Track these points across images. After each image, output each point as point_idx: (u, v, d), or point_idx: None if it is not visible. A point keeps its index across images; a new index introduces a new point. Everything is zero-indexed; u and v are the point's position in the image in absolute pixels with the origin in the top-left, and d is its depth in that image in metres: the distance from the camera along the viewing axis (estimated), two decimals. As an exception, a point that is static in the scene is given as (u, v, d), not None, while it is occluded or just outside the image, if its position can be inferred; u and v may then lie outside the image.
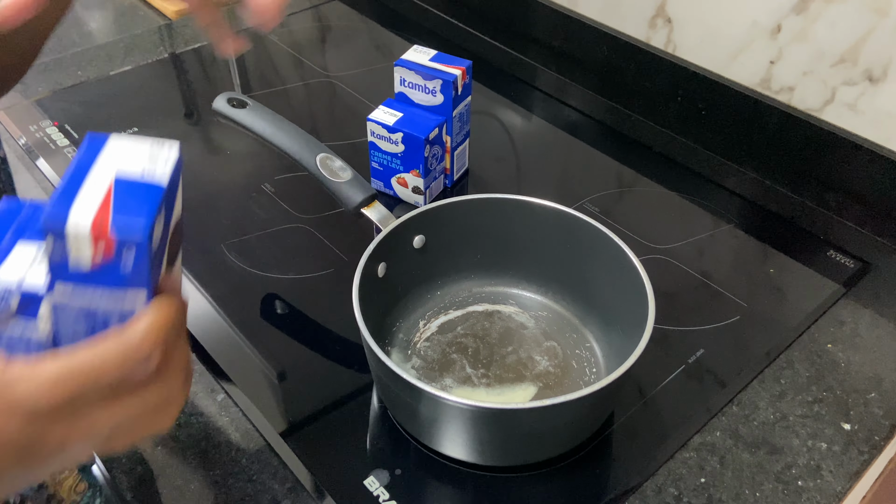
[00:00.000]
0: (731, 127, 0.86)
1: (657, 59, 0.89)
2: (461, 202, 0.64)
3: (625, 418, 0.59)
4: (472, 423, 0.51)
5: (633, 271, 0.57)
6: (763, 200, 0.82)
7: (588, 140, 0.92)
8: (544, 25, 1.01)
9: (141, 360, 0.32)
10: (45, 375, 0.30)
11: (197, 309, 0.68)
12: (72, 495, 0.53)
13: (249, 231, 0.76)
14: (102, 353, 0.31)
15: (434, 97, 0.77)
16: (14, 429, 0.30)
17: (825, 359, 0.65)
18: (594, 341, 0.64)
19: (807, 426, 0.59)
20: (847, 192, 0.78)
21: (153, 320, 0.32)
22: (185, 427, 0.59)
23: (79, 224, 0.30)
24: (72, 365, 0.31)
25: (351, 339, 0.65)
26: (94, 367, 0.31)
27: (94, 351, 0.31)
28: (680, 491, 0.55)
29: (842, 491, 0.55)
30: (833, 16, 0.74)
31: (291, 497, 0.54)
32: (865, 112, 0.76)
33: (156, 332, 0.32)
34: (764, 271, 0.74)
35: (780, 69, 0.81)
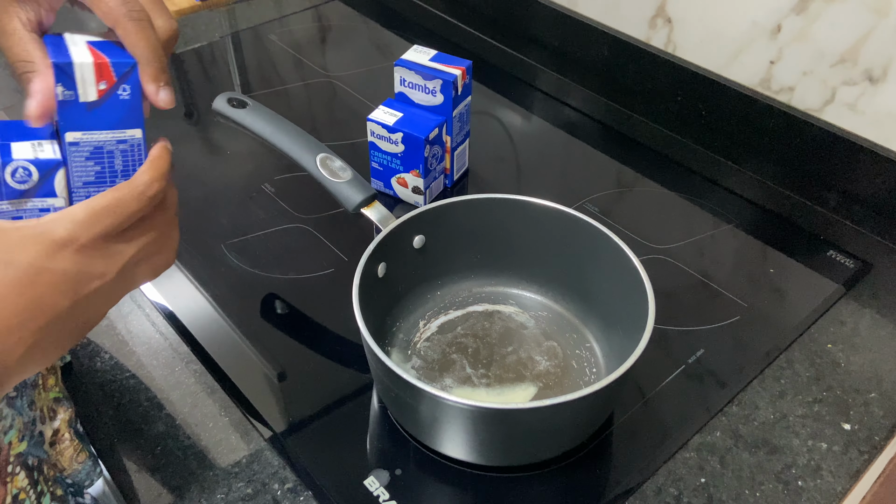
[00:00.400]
0: (731, 127, 0.86)
1: (657, 60, 0.89)
2: (461, 202, 0.64)
3: (625, 418, 0.59)
4: (472, 423, 0.51)
5: (633, 271, 0.57)
6: (763, 200, 0.82)
7: (588, 140, 0.92)
8: (544, 25, 1.01)
9: (151, 197, 0.39)
10: (80, 214, 0.37)
11: (197, 309, 0.68)
12: (73, 464, 0.54)
13: (249, 231, 0.76)
14: (121, 194, 0.38)
15: (434, 97, 0.77)
16: (65, 261, 0.36)
17: (825, 359, 0.65)
18: (594, 341, 0.64)
19: (807, 426, 0.59)
20: (847, 191, 0.78)
21: (156, 166, 0.41)
22: (185, 427, 0.59)
23: (83, 59, 0.37)
24: (99, 204, 0.37)
25: (351, 339, 0.65)
26: (118, 204, 0.38)
27: (115, 194, 0.38)
28: (680, 491, 0.55)
29: (842, 491, 0.55)
30: (833, 16, 0.74)
31: (291, 497, 0.54)
32: (865, 112, 0.76)
33: (159, 175, 0.40)
34: (764, 271, 0.74)
35: (780, 69, 0.81)
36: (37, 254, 0.36)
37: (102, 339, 0.65)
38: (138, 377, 0.62)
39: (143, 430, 0.58)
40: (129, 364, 0.63)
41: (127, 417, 0.59)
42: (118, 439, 0.58)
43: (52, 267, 0.36)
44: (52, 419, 0.53)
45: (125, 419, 0.59)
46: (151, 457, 0.57)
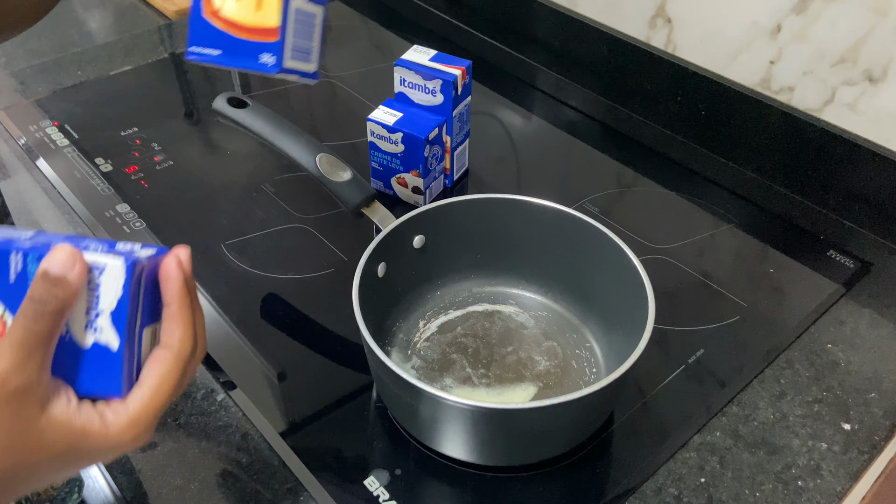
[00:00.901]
0: (731, 127, 0.86)
1: (657, 59, 0.89)
2: (461, 202, 0.64)
3: (625, 418, 0.59)
4: (472, 423, 0.51)
5: (633, 271, 0.57)
6: (763, 200, 0.82)
7: (588, 140, 0.92)
8: (544, 25, 1.01)
9: (191, 357, 0.39)
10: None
11: (197, 309, 0.68)
12: (48, 490, 0.53)
13: (249, 231, 0.76)
14: (166, 368, 0.38)
15: (434, 97, 0.77)
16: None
17: (825, 359, 0.65)
18: (594, 341, 0.64)
19: (807, 426, 0.59)
20: (847, 192, 0.78)
21: (183, 316, 0.38)
22: (185, 427, 0.59)
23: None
24: (150, 392, 0.37)
25: (351, 339, 0.65)
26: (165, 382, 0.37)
27: (160, 369, 0.37)
28: (680, 491, 0.55)
29: (842, 491, 0.55)
30: (833, 16, 0.74)
31: (291, 497, 0.54)
32: (865, 112, 0.76)
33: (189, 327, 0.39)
34: (764, 271, 0.74)
35: (780, 69, 0.81)
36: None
37: (102, 339, 0.65)
38: (138, 377, 0.62)
39: (143, 430, 0.58)
40: (129, 364, 0.63)
41: (127, 417, 0.59)
42: (118, 439, 0.58)
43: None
44: None
45: (125, 419, 0.59)
46: (151, 457, 0.57)
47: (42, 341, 0.33)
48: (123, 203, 0.79)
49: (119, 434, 0.35)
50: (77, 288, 0.34)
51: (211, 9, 0.44)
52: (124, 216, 0.77)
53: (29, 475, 0.35)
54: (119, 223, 0.76)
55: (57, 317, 0.34)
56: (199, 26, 0.45)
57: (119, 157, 0.86)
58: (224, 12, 0.44)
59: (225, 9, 0.44)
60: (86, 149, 0.87)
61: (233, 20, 0.44)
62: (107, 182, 0.82)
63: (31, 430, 0.33)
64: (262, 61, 0.44)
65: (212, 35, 0.44)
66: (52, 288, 0.33)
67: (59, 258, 0.34)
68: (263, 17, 0.44)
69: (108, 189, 0.81)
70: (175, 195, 0.81)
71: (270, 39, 0.44)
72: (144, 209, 0.78)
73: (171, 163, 0.85)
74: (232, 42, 0.44)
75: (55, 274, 0.34)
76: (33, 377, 0.33)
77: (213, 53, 0.45)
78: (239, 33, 0.44)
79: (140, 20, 1.15)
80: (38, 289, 0.33)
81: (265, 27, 0.44)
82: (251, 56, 0.44)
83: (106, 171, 0.83)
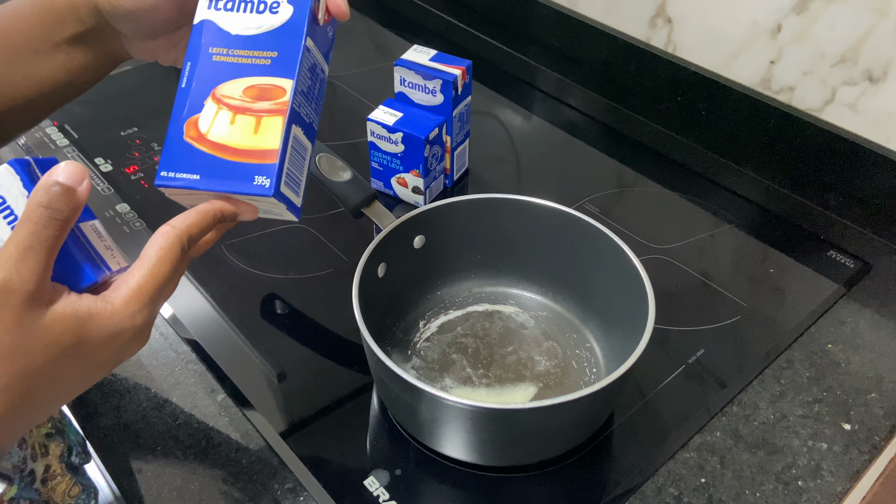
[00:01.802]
0: (731, 127, 0.86)
1: (657, 59, 0.89)
2: (461, 202, 0.64)
3: (625, 418, 0.59)
4: (472, 424, 0.51)
5: (633, 271, 0.57)
6: (763, 200, 0.82)
7: (588, 140, 0.92)
8: (544, 25, 1.01)
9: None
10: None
11: (197, 309, 0.68)
12: (66, 499, 0.53)
13: (249, 231, 0.76)
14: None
15: (434, 97, 0.77)
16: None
17: (825, 359, 0.65)
18: (594, 341, 0.64)
19: (807, 426, 0.59)
20: (847, 191, 0.78)
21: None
22: (184, 427, 0.59)
23: None
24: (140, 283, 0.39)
25: (351, 339, 0.65)
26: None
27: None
28: (680, 491, 0.55)
29: (842, 491, 0.55)
30: (833, 16, 0.74)
31: (291, 497, 0.54)
32: (866, 112, 0.76)
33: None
34: (764, 271, 0.74)
35: (780, 69, 0.81)
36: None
37: (102, 339, 0.65)
38: (138, 377, 0.62)
39: (142, 431, 0.58)
40: (128, 364, 0.63)
41: (126, 418, 0.59)
42: (117, 440, 0.58)
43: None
44: (43, 455, 0.52)
45: (125, 420, 0.59)
46: (151, 457, 0.57)
47: (50, 247, 0.35)
48: (123, 203, 0.79)
49: (123, 307, 0.37)
50: (84, 200, 0.36)
51: (194, 133, 0.43)
52: (124, 216, 0.77)
53: (46, 381, 0.35)
54: (119, 223, 0.76)
55: (66, 224, 0.35)
56: (178, 151, 0.42)
57: (119, 157, 0.86)
58: (213, 136, 0.42)
59: (215, 132, 0.43)
60: (86, 149, 0.87)
61: (224, 143, 0.42)
62: (107, 182, 0.82)
63: (39, 328, 0.34)
64: (256, 183, 0.42)
65: (193, 159, 0.42)
66: (63, 196, 0.35)
67: (71, 170, 0.36)
68: (261, 140, 0.42)
69: (108, 189, 0.81)
70: (175, 195, 0.81)
71: (268, 161, 0.42)
72: (144, 209, 0.78)
73: (170, 163, 0.85)
74: (219, 165, 0.42)
75: (68, 184, 0.35)
76: (40, 281, 0.34)
77: (190, 178, 0.42)
78: (229, 156, 0.42)
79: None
80: (53, 196, 0.35)
81: (262, 149, 0.42)
82: (242, 178, 0.42)
83: (106, 171, 0.83)
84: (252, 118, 0.43)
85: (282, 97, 0.43)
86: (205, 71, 0.44)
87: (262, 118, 0.42)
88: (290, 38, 0.44)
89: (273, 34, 0.44)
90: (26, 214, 0.34)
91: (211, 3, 0.45)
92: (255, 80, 0.43)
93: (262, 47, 0.44)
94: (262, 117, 0.42)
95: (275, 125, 0.42)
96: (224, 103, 0.43)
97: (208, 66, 0.44)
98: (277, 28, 0.44)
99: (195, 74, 0.44)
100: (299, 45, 0.44)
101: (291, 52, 0.44)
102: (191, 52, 0.44)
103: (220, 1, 0.45)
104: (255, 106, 0.43)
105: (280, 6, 0.44)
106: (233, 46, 0.44)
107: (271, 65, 0.43)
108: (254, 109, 0.43)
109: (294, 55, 0.43)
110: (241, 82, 0.43)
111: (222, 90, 0.43)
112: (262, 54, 0.44)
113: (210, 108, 0.43)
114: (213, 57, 0.44)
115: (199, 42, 0.44)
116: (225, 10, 0.45)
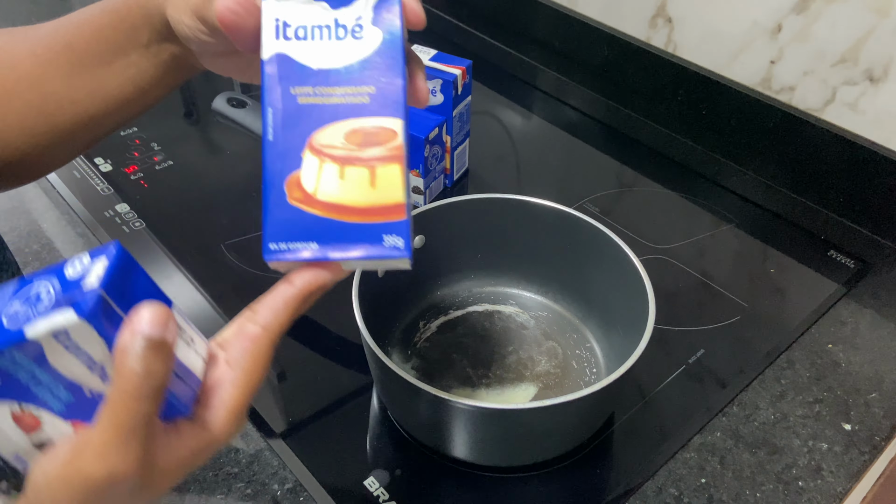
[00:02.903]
0: (731, 127, 0.86)
1: (657, 59, 0.89)
2: (461, 202, 0.64)
3: (625, 419, 0.59)
4: (472, 424, 0.51)
5: (633, 271, 0.57)
6: (763, 200, 0.82)
7: (588, 140, 0.92)
8: (544, 25, 1.01)
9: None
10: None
11: (196, 309, 0.68)
12: None
13: (249, 231, 0.76)
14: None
15: (434, 97, 0.76)
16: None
17: (826, 359, 0.65)
18: (594, 341, 0.64)
19: (807, 426, 0.59)
20: (848, 191, 0.78)
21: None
22: (184, 427, 0.59)
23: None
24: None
25: (351, 339, 0.65)
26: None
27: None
28: (680, 491, 0.55)
29: (842, 491, 0.55)
30: (833, 15, 0.74)
31: (291, 497, 0.54)
32: (866, 112, 0.76)
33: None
34: (764, 271, 0.73)
35: (780, 69, 0.81)
36: None
37: (102, 339, 0.65)
38: (138, 377, 0.62)
39: (142, 431, 0.58)
40: (128, 364, 0.63)
41: (126, 418, 0.59)
42: (118, 439, 0.58)
43: None
44: None
45: (125, 419, 0.59)
46: (151, 457, 0.57)
47: (151, 419, 0.29)
48: (123, 203, 0.79)
49: (222, 432, 0.32)
50: (175, 342, 0.30)
51: (299, 194, 0.36)
52: (124, 216, 0.77)
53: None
54: (119, 223, 0.76)
55: (163, 387, 0.29)
56: (284, 217, 0.36)
57: (119, 157, 0.86)
58: (324, 195, 0.35)
59: (324, 190, 0.36)
60: (85, 149, 0.86)
61: (339, 202, 0.35)
62: (106, 182, 0.82)
63: (149, 493, 0.31)
64: (388, 245, 0.35)
65: (305, 225, 0.35)
66: (155, 354, 0.28)
67: (154, 316, 0.28)
68: (382, 194, 0.35)
69: (107, 189, 0.81)
70: (175, 195, 0.81)
71: (395, 218, 0.35)
72: (144, 209, 0.78)
73: (170, 163, 0.85)
74: (337, 229, 0.35)
75: (157, 336, 0.28)
76: (148, 465, 0.30)
77: (307, 248, 0.36)
78: (348, 217, 0.35)
79: (140, 20, 1.14)
80: (146, 359, 0.28)
81: (385, 205, 0.35)
82: (370, 241, 0.35)
83: (105, 171, 0.83)
84: (365, 169, 0.36)
85: (393, 141, 0.36)
86: (292, 117, 0.36)
87: (376, 168, 0.36)
88: (387, 70, 0.37)
89: (363, 66, 0.37)
90: (119, 386, 0.28)
91: (278, 33, 0.37)
92: (356, 122, 0.36)
93: (353, 82, 0.37)
94: (375, 167, 0.36)
95: (393, 175, 0.36)
96: (327, 154, 0.36)
97: (295, 111, 0.36)
98: (367, 58, 0.37)
99: (281, 122, 0.36)
100: (400, 77, 0.37)
101: (392, 86, 0.37)
102: (268, 93, 0.37)
103: (290, 28, 0.37)
104: (364, 154, 0.36)
105: (364, 30, 0.37)
106: (319, 84, 0.37)
107: (371, 103, 0.36)
108: (364, 159, 0.36)
109: (396, 90, 0.37)
110: (339, 127, 0.36)
111: (320, 139, 0.36)
112: (356, 91, 0.37)
113: (311, 161, 0.36)
114: (298, 99, 0.37)
115: (275, 81, 0.37)
116: (297, 40, 0.37)
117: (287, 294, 0.36)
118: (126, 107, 0.46)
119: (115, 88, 0.44)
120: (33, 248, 0.74)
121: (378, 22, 0.37)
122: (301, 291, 0.35)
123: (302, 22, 0.37)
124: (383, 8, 0.37)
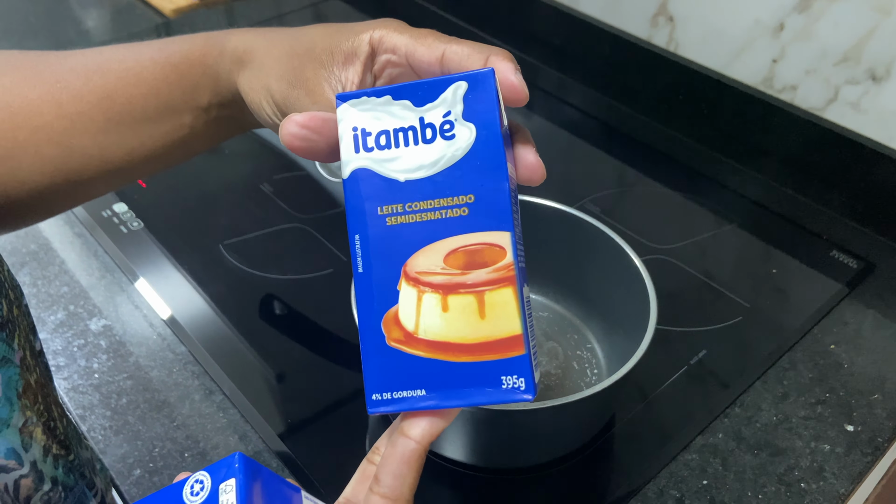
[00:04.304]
0: (733, 126, 0.85)
1: (659, 58, 0.89)
2: (461, 202, 0.64)
3: (626, 420, 0.59)
4: (471, 425, 0.51)
5: (634, 272, 0.57)
6: (765, 200, 0.81)
7: (589, 139, 0.91)
8: (545, 24, 1.00)
9: None
10: None
11: (195, 309, 0.67)
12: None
13: (248, 231, 0.76)
14: None
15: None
16: None
17: (828, 360, 0.64)
18: (595, 342, 0.64)
19: (810, 428, 0.59)
20: (850, 191, 0.78)
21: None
22: (182, 428, 0.58)
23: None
24: None
25: (350, 340, 0.65)
26: None
27: None
28: (682, 493, 0.55)
29: (845, 493, 0.55)
30: (836, 14, 0.74)
31: (290, 499, 0.54)
32: (869, 111, 0.76)
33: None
34: (766, 271, 0.73)
35: (782, 68, 0.81)
36: None
37: (100, 339, 0.65)
38: (136, 378, 0.62)
39: (141, 432, 0.58)
40: (126, 365, 0.63)
41: (125, 419, 0.59)
42: (116, 441, 0.57)
43: None
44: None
45: (123, 421, 0.59)
46: (150, 459, 0.56)
47: None
48: (121, 202, 0.78)
49: None
50: None
51: (398, 334, 0.31)
52: (122, 216, 0.77)
53: None
54: (116, 223, 0.76)
55: None
56: (385, 363, 0.32)
57: (117, 157, 0.85)
58: (426, 332, 0.31)
59: (426, 327, 0.31)
60: (84, 148, 0.86)
61: (445, 340, 0.31)
62: (105, 181, 0.82)
63: None
64: (507, 387, 0.31)
65: (409, 370, 0.31)
66: None
67: None
68: (494, 326, 0.31)
69: (106, 188, 0.81)
70: (173, 195, 0.80)
71: (512, 354, 0.31)
72: (142, 209, 0.78)
73: (169, 162, 0.85)
74: (446, 371, 0.31)
75: None
76: None
77: (414, 396, 0.31)
78: (457, 356, 0.31)
79: (137, 19, 1.14)
80: None
81: (498, 338, 0.31)
82: (485, 384, 0.31)
83: (104, 171, 0.83)
84: (471, 297, 0.31)
85: (502, 259, 0.31)
86: (381, 243, 0.31)
87: (484, 294, 0.31)
88: (488, 171, 0.31)
89: (457, 169, 0.31)
90: None
91: (358, 145, 0.32)
92: (456, 240, 0.31)
93: (448, 192, 0.31)
94: (484, 293, 0.31)
95: (506, 301, 0.31)
96: (425, 283, 0.31)
97: (385, 236, 0.31)
98: (461, 160, 0.31)
99: (370, 250, 0.32)
100: (504, 179, 0.31)
101: (495, 191, 0.31)
102: (353, 216, 0.32)
103: (371, 137, 0.32)
104: (468, 279, 0.31)
105: (455, 127, 0.31)
106: (408, 199, 0.31)
107: (470, 215, 0.31)
108: (469, 284, 0.31)
109: (500, 195, 0.31)
110: (436, 248, 0.31)
111: (415, 265, 0.31)
112: (452, 202, 0.31)
113: (408, 294, 0.31)
114: (387, 220, 0.31)
115: (359, 202, 0.32)
116: (380, 149, 0.32)
117: (407, 451, 0.32)
118: (165, 162, 0.42)
119: (159, 148, 0.40)
120: (30, 247, 0.74)
121: (471, 115, 0.31)
122: (422, 446, 0.32)
123: (383, 127, 0.32)
124: (475, 96, 0.31)
